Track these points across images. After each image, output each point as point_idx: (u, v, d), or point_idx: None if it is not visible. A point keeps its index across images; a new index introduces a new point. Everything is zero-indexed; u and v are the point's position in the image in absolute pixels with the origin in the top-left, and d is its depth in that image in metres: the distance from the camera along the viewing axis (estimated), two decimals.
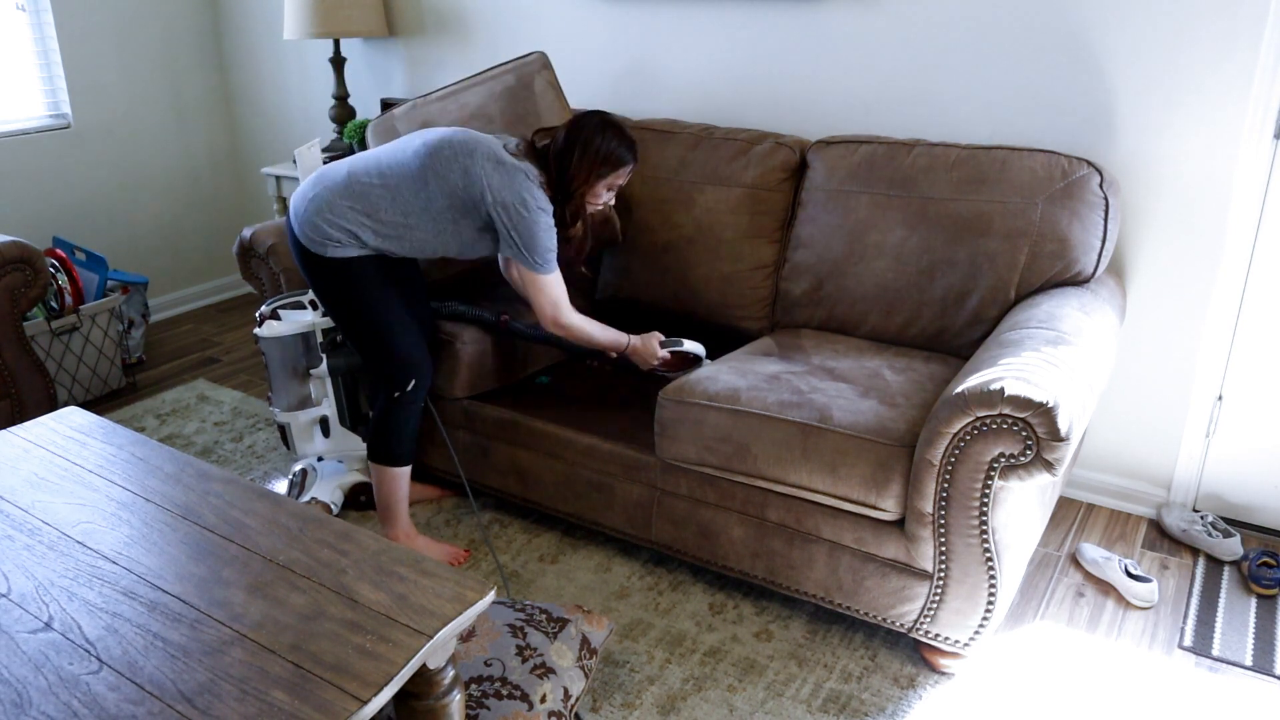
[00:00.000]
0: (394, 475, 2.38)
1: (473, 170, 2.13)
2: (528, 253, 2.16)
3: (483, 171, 2.12)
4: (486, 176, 2.12)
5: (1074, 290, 2.25)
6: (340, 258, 2.20)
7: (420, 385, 2.31)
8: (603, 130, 2.20)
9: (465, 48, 3.43)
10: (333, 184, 2.19)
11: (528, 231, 2.14)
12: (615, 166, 2.22)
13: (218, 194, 4.31)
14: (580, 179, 2.19)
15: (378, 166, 2.19)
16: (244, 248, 2.82)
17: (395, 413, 2.32)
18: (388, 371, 2.29)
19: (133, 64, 3.86)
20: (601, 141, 2.19)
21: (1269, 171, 2.29)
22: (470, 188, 2.13)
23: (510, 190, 2.12)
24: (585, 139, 2.18)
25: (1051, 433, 1.72)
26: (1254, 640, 2.16)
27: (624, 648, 2.14)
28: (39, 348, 3.15)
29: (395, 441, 2.34)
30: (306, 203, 2.20)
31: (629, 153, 2.24)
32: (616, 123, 2.23)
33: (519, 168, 2.14)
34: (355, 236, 2.18)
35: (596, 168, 2.20)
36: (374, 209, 2.16)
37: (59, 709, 1.19)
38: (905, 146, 2.47)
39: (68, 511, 1.62)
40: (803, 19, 2.75)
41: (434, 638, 1.32)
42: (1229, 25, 2.23)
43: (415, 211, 2.16)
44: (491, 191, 2.12)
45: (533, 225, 2.14)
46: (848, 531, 2.03)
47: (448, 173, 2.14)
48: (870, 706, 1.97)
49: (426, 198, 2.15)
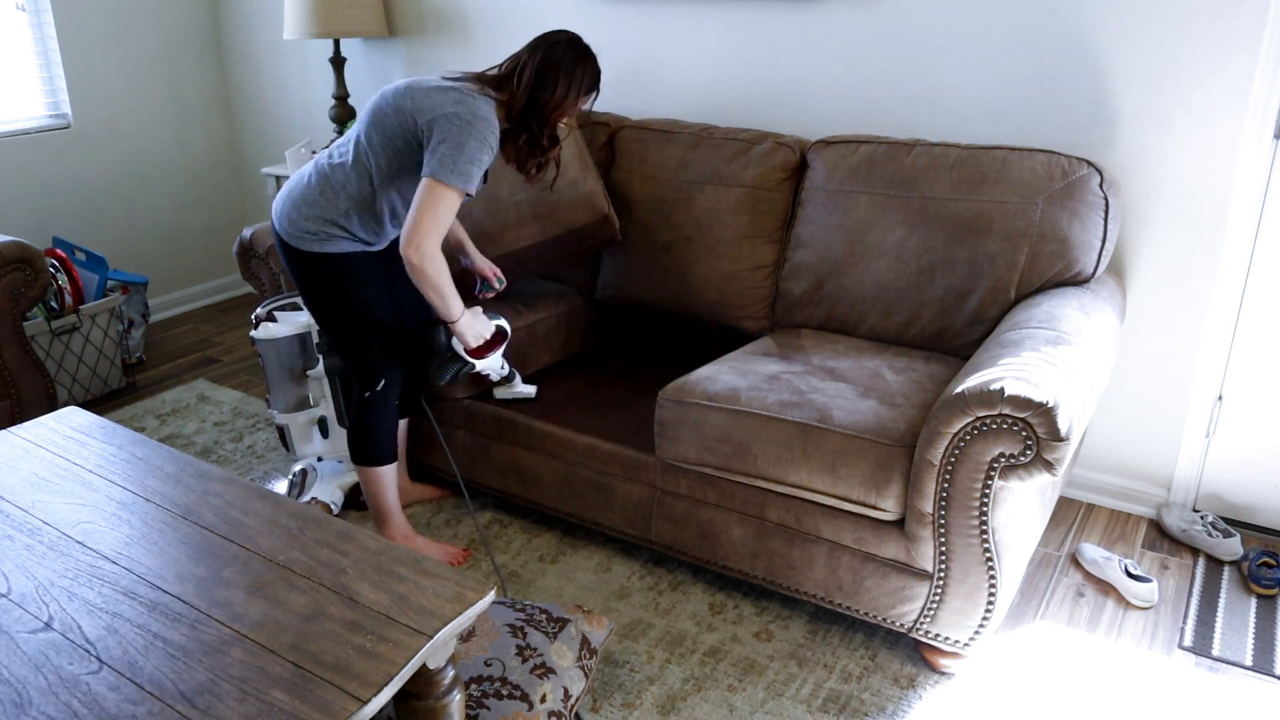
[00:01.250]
0: (378, 475, 2.36)
1: (406, 106, 2.06)
2: (439, 163, 1.99)
3: (412, 102, 2.05)
4: (416, 103, 2.04)
5: (1074, 290, 2.25)
6: (319, 252, 2.18)
7: (390, 385, 2.30)
8: (576, 53, 2.13)
9: (465, 48, 3.43)
10: (304, 176, 2.21)
11: (458, 139, 1.99)
12: (590, 90, 2.19)
13: (218, 194, 4.31)
14: (557, 99, 2.11)
15: (339, 146, 2.19)
16: (244, 248, 2.82)
17: (367, 413, 2.31)
18: (359, 370, 2.29)
19: (133, 64, 3.86)
20: (577, 65, 2.13)
21: (1269, 171, 2.29)
22: (404, 123, 2.06)
23: (446, 103, 2.02)
24: (560, 60, 2.10)
25: (1051, 433, 1.72)
26: (1254, 640, 2.16)
27: (624, 648, 2.14)
28: (39, 348, 3.15)
29: (371, 441, 2.33)
30: (283, 200, 2.22)
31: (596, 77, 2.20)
32: (584, 44, 2.17)
33: (455, 87, 2.06)
34: (332, 223, 2.16)
35: (574, 92, 2.13)
36: (339, 188, 2.15)
37: (59, 709, 1.19)
38: (905, 146, 2.47)
39: (68, 511, 1.62)
40: (803, 19, 2.76)
41: (434, 638, 1.32)
42: (1229, 25, 2.23)
43: (371, 173, 2.12)
44: (427, 112, 2.02)
45: (464, 134, 1.99)
46: (848, 531, 2.03)
47: (384, 120, 2.08)
48: (870, 706, 1.97)
49: (374, 156, 2.10)
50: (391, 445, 2.35)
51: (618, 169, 2.76)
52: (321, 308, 2.25)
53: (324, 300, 2.24)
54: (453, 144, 1.99)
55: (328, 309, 2.25)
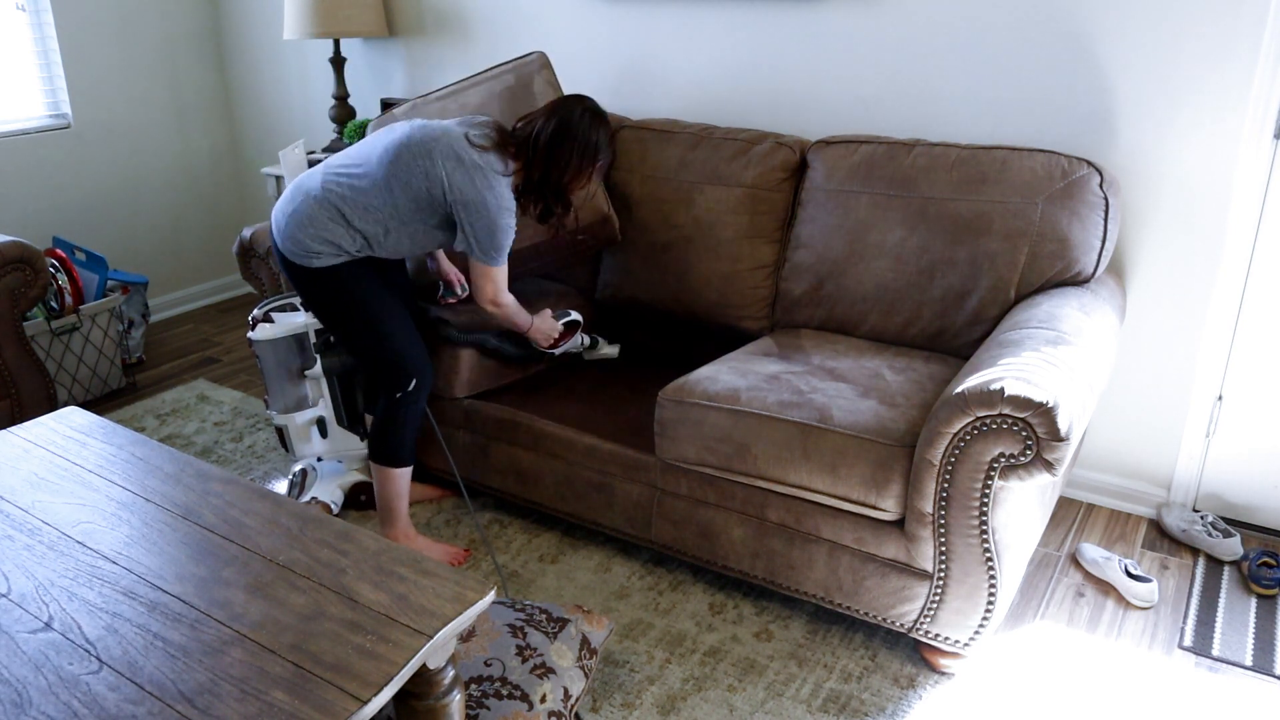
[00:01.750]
0: (395, 476, 2.38)
1: (432, 172, 2.14)
2: (482, 251, 2.19)
3: (443, 172, 2.13)
4: (447, 176, 2.13)
5: (1074, 290, 2.25)
6: (326, 267, 2.21)
7: (422, 384, 2.31)
8: (592, 123, 2.24)
9: (465, 48, 3.43)
10: (309, 195, 2.20)
11: (485, 230, 2.16)
12: (604, 158, 2.29)
13: (218, 194, 4.31)
14: (572, 172, 2.24)
15: (348, 175, 2.20)
16: (244, 248, 2.82)
17: (397, 413, 2.32)
18: (387, 372, 2.28)
19: (132, 64, 3.86)
20: (593, 134, 2.24)
21: (1269, 171, 2.29)
22: (433, 189, 2.15)
23: (471, 189, 2.13)
24: (575, 133, 2.22)
25: (1051, 433, 1.72)
26: (1254, 640, 2.16)
27: (624, 648, 2.14)
28: (39, 348, 3.15)
29: (397, 443, 2.34)
30: (286, 217, 2.22)
31: (611, 143, 2.32)
32: (600, 111, 2.27)
33: (479, 164, 2.14)
34: (337, 246, 2.19)
35: (588, 163, 2.25)
36: (349, 217, 2.18)
37: (59, 709, 1.19)
38: (905, 146, 2.47)
39: (68, 511, 1.62)
40: (803, 19, 2.76)
41: (434, 638, 1.32)
42: (1229, 25, 2.23)
43: (386, 217, 2.18)
44: (453, 191, 2.14)
45: (491, 225, 2.16)
46: (848, 531, 2.03)
47: (409, 177, 2.15)
48: (870, 706, 1.97)
49: (394, 205, 2.17)
50: (414, 447, 2.38)
51: (618, 169, 2.76)
52: (336, 318, 2.27)
53: (336, 310, 2.26)
54: (482, 234, 2.17)
55: (342, 318, 2.26)
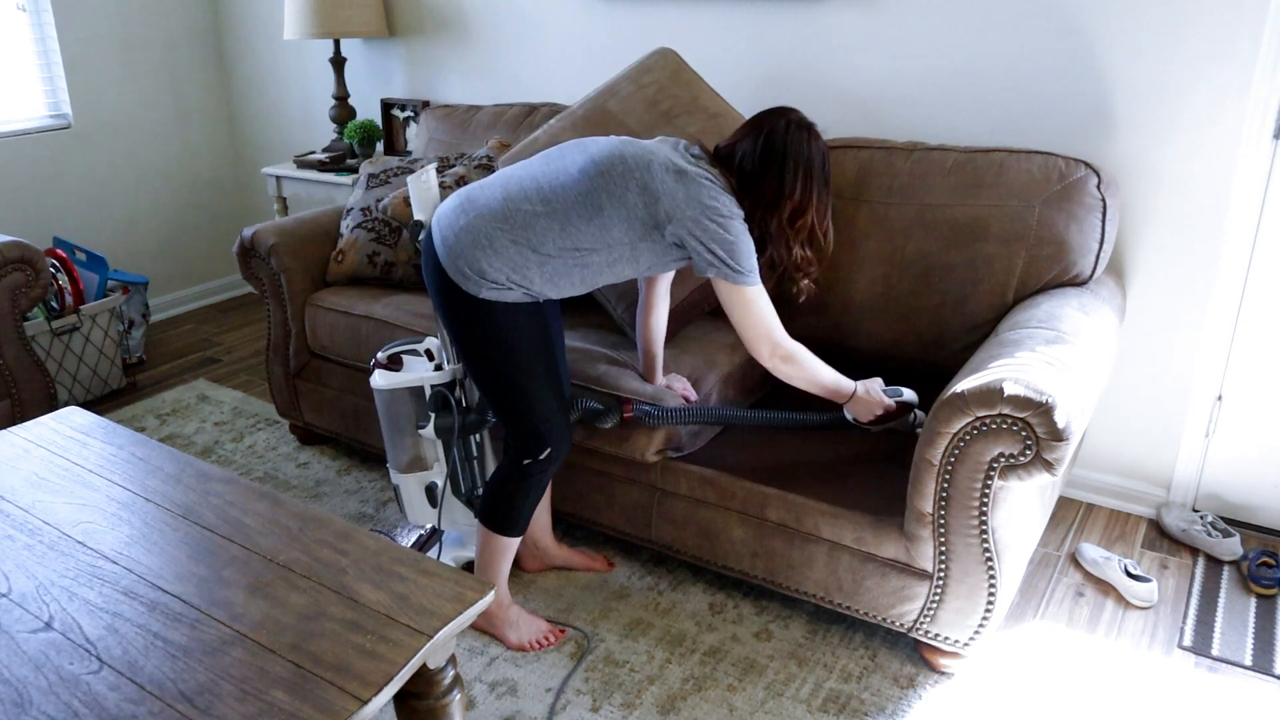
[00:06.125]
0: (504, 545, 2.09)
1: (651, 186, 1.82)
2: (731, 263, 1.83)
3: (662, 186, 1.82)
4: (668, 192, 1.82)
5: (1074, 290, 2.24)
6: (492, 300, 1.88)
7: (555, 456, 2.01)
8: (807, 137, 1.88)
9: (465, 48, 3.43)
10: (488, 212, 1.87)
11: (724, 240, 1.82)
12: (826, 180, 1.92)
13: (218, 194, 4.32)
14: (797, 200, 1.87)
15: (538, 190, 1.87)
16: (244, 248, 2.82)
17: (519, 481, 2.02)
18: (522, 435, 1.99)
19: (133, 64, 3.86)
20: (808, 150, 1.87)
21: (1269, 171, 2.29)
22: (651, 206, 1.83)
23: (696, 202, 1.82)
24: (788, 150, 1.86)
25: (1051, 432, 1.72)
26: (1253, 640, 2.16)
27: (624, 648, 2.14)
28: (39, 348, 3.15)
29: (512, 511, 2.04)
30: (458, 232, 1.88)
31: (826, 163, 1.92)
32: (807, 122, 1.91)
33: (701, 175, 1.84)
34: (518, 279, 1.87)
35: (819, 185, 1.89)
36: (539, 241, 1.85)
37: (59, 709, 1.20)
38: (903, 151, 2.47)
39: (68, 511, 1.62)
40: (802, 19, 2.76)
41: (434, 638, 1.32)
42: (1229, 25, 2.23)
43: (588, 240, 1.86)
44: (676, 207, 1.82)
45: (726, 233, 1.82)
46: (847, 531, 2.03)
47: (623, 193, 1.83)
48: (870, 706, 1.97)
49: (601, 224, 1.84)
50: (529, 519, 2.09)
51: None
52: (482, 359, 1.94)
53: (487, 350, 1.93)
54: (724, 245, 1.83)
55: (489, 360, 1.94)
